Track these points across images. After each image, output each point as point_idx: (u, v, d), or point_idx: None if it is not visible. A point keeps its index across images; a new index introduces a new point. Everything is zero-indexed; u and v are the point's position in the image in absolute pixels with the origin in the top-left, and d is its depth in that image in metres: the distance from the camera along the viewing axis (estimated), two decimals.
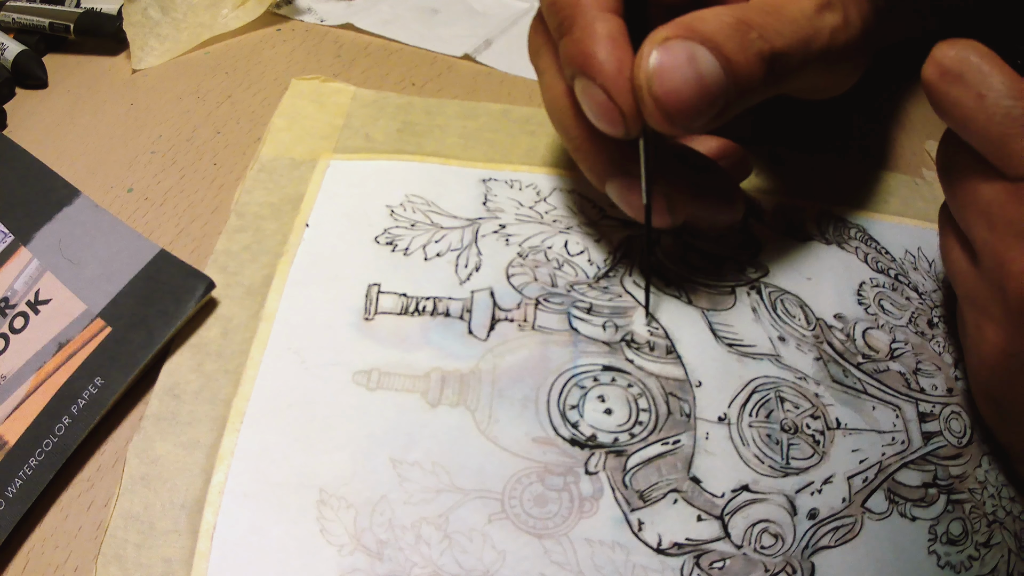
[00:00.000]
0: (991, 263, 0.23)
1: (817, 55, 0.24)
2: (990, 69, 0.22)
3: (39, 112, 0.37)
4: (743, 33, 0.22)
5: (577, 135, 0.25)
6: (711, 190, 0.26)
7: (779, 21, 0.23)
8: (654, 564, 0.22)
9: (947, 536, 0.24)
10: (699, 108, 0.22)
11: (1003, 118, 0.22)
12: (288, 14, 0.39)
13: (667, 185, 0.25)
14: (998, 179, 0.22)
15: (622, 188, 0.25)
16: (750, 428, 0.25)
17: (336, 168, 0.30)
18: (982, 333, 0.24)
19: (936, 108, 0.23)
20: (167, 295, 0.25)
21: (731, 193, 0.27)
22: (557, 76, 0.26)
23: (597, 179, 0.26)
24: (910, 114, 0.36)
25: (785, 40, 0.23)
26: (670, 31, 0.22)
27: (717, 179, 0.27)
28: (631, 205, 0.25)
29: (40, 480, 0.23)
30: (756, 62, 0.22)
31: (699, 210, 0.26)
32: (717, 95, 0.22)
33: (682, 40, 0.22)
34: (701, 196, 0.26)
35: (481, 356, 0.25)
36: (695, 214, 0.26)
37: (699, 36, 0.22)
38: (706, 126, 0.22)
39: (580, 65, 0.23)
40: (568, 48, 0.23)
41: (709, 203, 0.26)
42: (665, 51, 0.21)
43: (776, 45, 0.23)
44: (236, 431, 0.23)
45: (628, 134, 0.23)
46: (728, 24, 0.22)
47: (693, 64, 0.21)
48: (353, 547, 0.21)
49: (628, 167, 0.24)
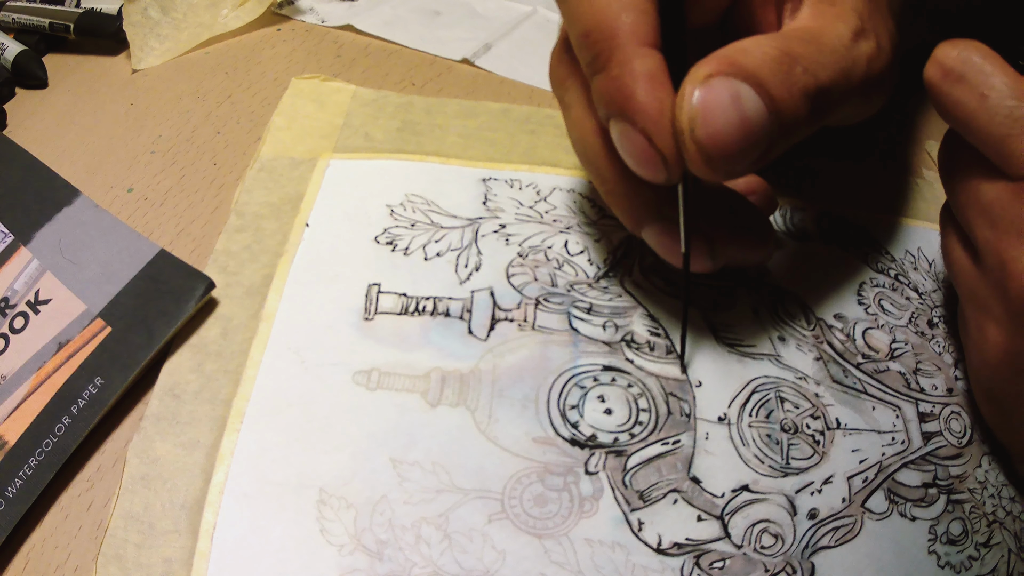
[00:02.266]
0: (993, 262, 0.23)
1: (858, 87, 0.22)
2: (992, 69, 0.22)
3: (39, 112, 0.37)
4: (788, 68, 0.21)
5: (610, 177, 0.24)
6: (747, 230, 0.25)
7: (820, 52, 0.21)
8: (654, 564, 0.22)
9: (947, 536, 0.24)
10: (743, 152, 0.20)
11: (1005, 118, 0.22)
12: (289, 14, 0.39)
13: (707, 228, 0.23)
14: (1000, 179, 0.22)
15: (660, 234, 0.23)
16: (750, 428, 0.25)
17: (336, 167, 0.30)
18: (983, 332, 0.24)
19: (938, 108, 0.23)
20: (167, 295, 0.25)
21: (766, 232, 0.26)
22: (587, 112, 0.24)
23: (633, 224, 0.24)
24: (910, 114, 0.36)
25: (828, 73, 0.21)
26: (712, 67, 0.20)
27: (752, 218, 0.26)
28: (669, 251, 0.24)
29: (40, 480, 0.23)
30: (800, 99, 0.21)
31: (737, 251, 0.25)
32: (761, 137, 0.20)
33: (725, 78, 0.20)
34: (739, 238, 0.25)
35: (481, 356, 0.25)
36: (733, 256, 0.25)
37: (743, 73, 0.20)
38: (747, 170, 0.21)
39: (619, 107, 0.21)
40: (604, 87, 0.21)
41: (746, 244, 0.25)
42: (708, 91, 0.20)
43: (820, 79, 0.21)
44: (236, 431, 0.23)
45: (669, 180, 0.21)
46: (773, 58, 0.20)
47: (737, 105, 0.20)
48: (353, 547, 0.21)
49: (666, 211, 0.23)
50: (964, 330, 0.26)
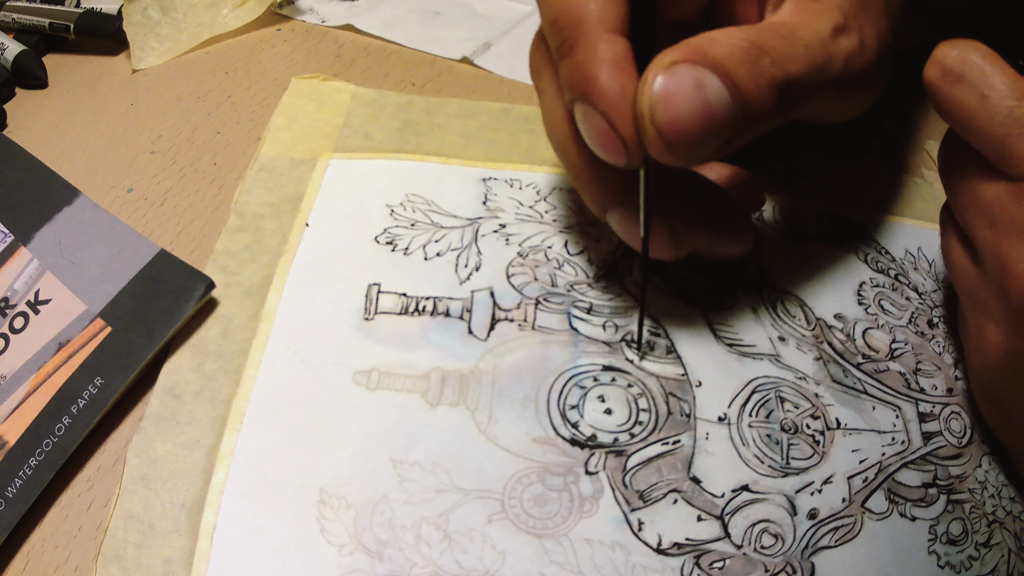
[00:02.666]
0: (992, 262, 0.23)
1: (832, 82, 0.22)
2: (992, 69, 0.22)
3: (39, 112, 0.37)
4: (756, 58, 0.21)
5: (577, 162, 0.24)
6: (719, 220, 0.25)
7: (793, 45, 0.22)
8: (654, 564, 0.22)
9: (947, 536, 0.24)
10: (704, 138, 0.20)
11: (1005, 118, 0.22)
12: (289, 14, 0.39)
13: (671, 216, 0.24)
14: (1000, 179, 0.22)
15: (623, 219, 0.24)
16: (750, 428, 0.25)
17: (336, 167, 0.30)
18: (983, 333, 0.24)
19: (938, 108, 0.23)
20: (167, 295, 0.25)
21: (740, 223, 0.25)
22: (557, 98, 0.24)
23: (598, 208, 0.24)
24: (910, 114, 0.36)
25: (799, 66, 0.21)
26: (678, 54, 0.20)
27: (725, 208, 0.25)
28: (632, 237, 0.24)
29: (40, 480, 0.23)
30: (768, 90, 0.21)
31: (705, 241, 0.25)
32: (724, 125, 0.20)
33: (690, 65, 0.20)
34: (708, 227, 0.25)
35: (481, 356, 0.25)
36: (701, 245, 0.25)
37: (708, 61, 0.20)
38: (711, 157, 0.21)
39: (581, 90, 0.21)
40: (568, 71, 0.22)
41: (716, 234, 0.25)
42: (671, 77, 0.20)
43: (790, 71, 0.21)
44: (236, 431, 0.23)
45: (630, 164, 0.22)
46: (741, 48, 0.21)
47: (700, 92, 0.20)
48: (353, 547, 0.21)
49: (630, 197, 0.23)
50: (964, 330, 0.26)
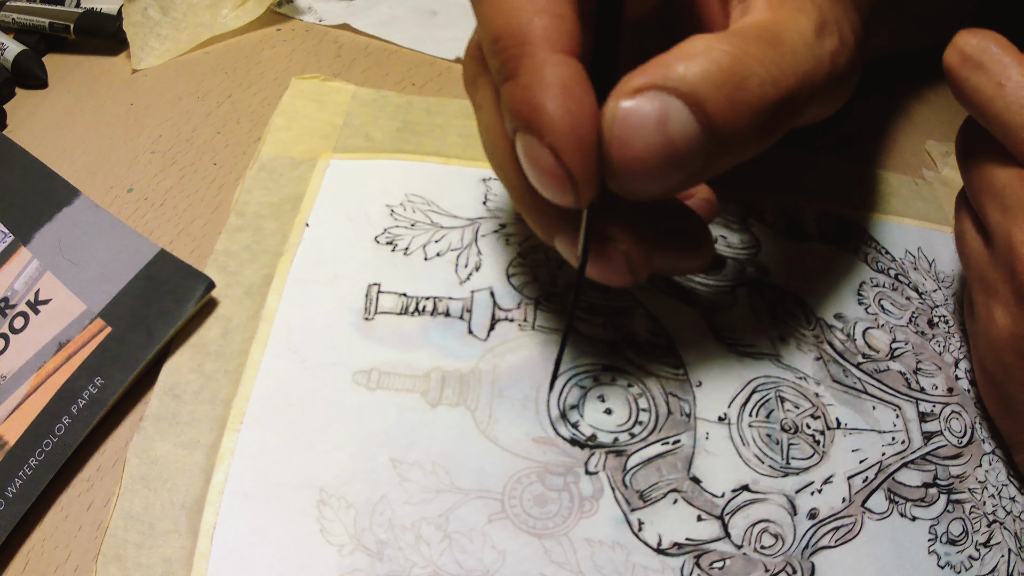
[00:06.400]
0: (1002, 245, 0.23)
1: (821, 88, 0.20)
2: (1010, 60, 0.23)
3: (39, 112, 0.37)
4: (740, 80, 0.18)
5: (519, 185, 0.21)
6: (676, 236, 0.23)
7: (781, 55, 0.19)
8: (654, 564, 0.22)
9: (947, 536, 0.24)
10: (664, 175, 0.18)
11: (1021, 108, 0.22)
12: (288, 14, 0.39)
13: (625, 239, 0.21)
14: (1013, 165, 0.23)
15: (571, 245, 0.21)
16: (750, 428, 0.25)
17: (336, 167, 0.30)
18: (991, 315, 0.24)
19: (955, 93, 0.24)
20: (167, 295, 0.25)
21: (699, 237, 0.23)
22: (497, 116, 0.21)
23: (544, 234, 0.22)
24: (910, 114, 0.36)
25: (790, 80, 0.19)
26: (645, 79, 0.18)
27: (682, 221, 0.23)
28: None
29: (40, 480, 0.23)
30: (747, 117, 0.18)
31: (664, 261, 0.23)
32: (688, 159, 0.18)
33: (655, 92, 0.18)
34: (665, 245, 0.23)
35: (481, 356, 0.25)
36: (660, 266, 0.23)
37: (677, 87, 0.18)
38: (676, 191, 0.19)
39: (525, 118, 0.18)
40: (511, 96, 0.19)
41: (675, 251, 0.23)
42: (631, 106, 0.18)
43: (781, 88, 0.19)
44: (236, 431, 0.23)
45: (577, 204, 0.19)
46: (723, 67, 0.18)
47: (662, 125, 0.18)
48: (353, 547, 0.21)
49: (577, 222, 0.21)
50: (971, 315, 0.27)
